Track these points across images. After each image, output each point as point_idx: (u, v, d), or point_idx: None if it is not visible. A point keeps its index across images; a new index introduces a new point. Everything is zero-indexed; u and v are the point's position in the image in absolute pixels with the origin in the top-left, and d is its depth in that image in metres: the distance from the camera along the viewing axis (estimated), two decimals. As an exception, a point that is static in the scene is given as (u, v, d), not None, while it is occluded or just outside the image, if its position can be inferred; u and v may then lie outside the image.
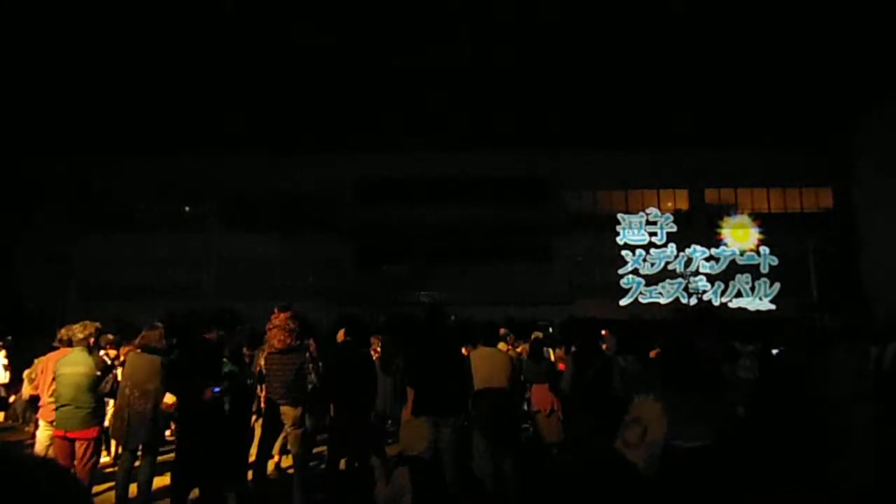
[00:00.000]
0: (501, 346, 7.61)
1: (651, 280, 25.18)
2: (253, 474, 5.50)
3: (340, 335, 6.27)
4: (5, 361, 11.52)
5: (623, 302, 24.87)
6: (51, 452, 5.56)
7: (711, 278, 25.11)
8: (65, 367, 5.33)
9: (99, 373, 5.31)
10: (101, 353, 5.77)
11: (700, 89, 24.57)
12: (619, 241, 25.55)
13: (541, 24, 25.39)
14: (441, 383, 4.90)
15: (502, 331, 8.63)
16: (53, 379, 5.61)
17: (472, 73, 25.01)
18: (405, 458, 3.40)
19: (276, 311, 5.77)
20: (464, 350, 5.99)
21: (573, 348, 7.08)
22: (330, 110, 25.09)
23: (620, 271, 25.32)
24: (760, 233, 25.12)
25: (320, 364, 6.06)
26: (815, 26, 22.94)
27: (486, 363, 5.57)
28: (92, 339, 5.47)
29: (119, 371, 5.89)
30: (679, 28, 24.33)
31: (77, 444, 5.21)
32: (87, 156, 25.28)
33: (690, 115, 24.30)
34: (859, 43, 22.64)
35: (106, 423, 5.71)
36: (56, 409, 5.31)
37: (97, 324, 5.62)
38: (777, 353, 8.37)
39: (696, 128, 24.38)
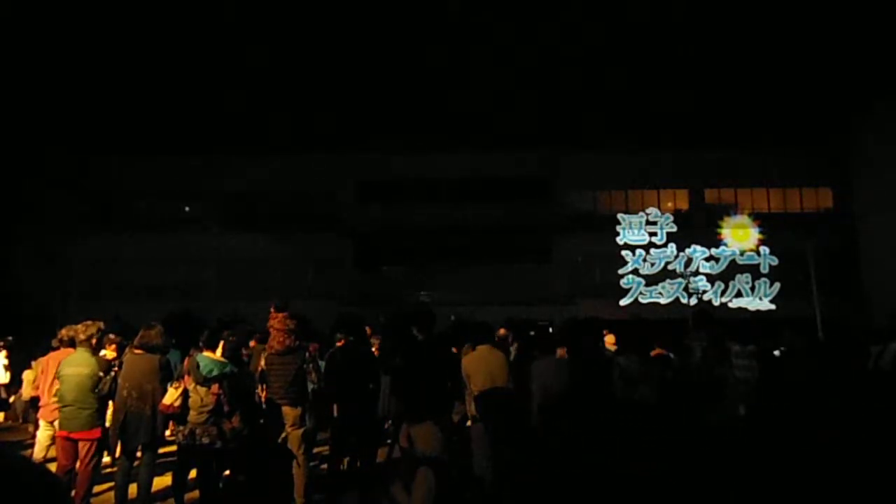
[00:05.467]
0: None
1: (651, 280, 25.16)
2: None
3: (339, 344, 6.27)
4: (5, 361, 11.53)
5: (623, 302, 24.85)
6: (52, 453, 5.57)
7: (711, 278, 25.10)
8: (68, 367, 5.33)
9: (102, 373, 5.31)
10: (102, 353, 5.77)
11: (700, 89, 24.60)
12: (619, 241, 25.52)
13: (541, 24, 25.42)
14: (422, 387, 4.89)
15: (502, 331, 8.62)
16: (55, 379, 5.62)
17: (473, 73, 25.03)
18: (423, 459, 3.44)
19: (272, 310, 5.77)
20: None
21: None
22: (330, 110, 25.12)
23: (620, 271, 25.31)
24: (760, 233, 25.09)
25: (321, 364, 6.08)
26: (815, 27, 22.96)
27: (488, 362, 5.56)
28: (94, 340, 5.47)
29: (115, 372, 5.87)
30: (679, 28, 24.36)
31: (80, 444, 5.22)
32: (86, 155, 25.29)
33: (691, 115, 24.32)
34: (859, 43, 22.65)
35: (107, 424, 5.71)
36: (59, 409, 5.33)
37: (100, 324, 5.61)
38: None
39: (696, 128, 24.40)
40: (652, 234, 25.56)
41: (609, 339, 8.92)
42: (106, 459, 6.86)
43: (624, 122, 24.64)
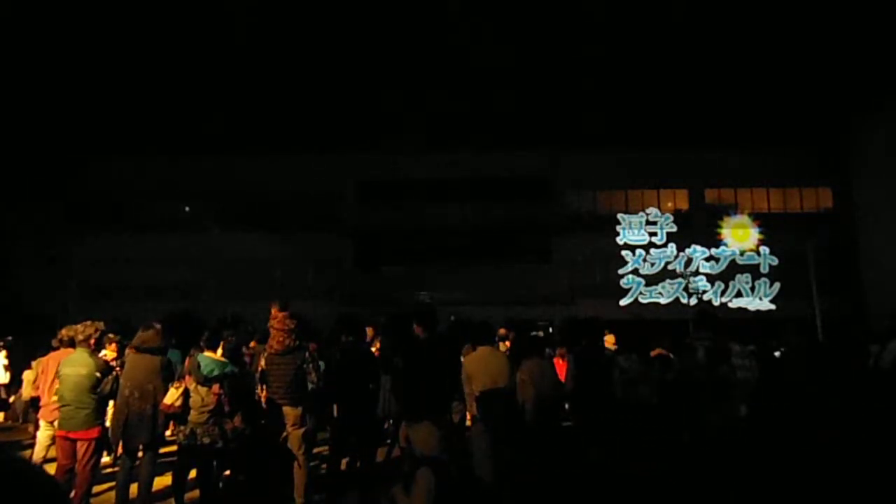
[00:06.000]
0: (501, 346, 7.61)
1: (651, 280, 25.18)
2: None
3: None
4: (5, 362, 11.54)
5: (623, 302, 24.87)
6: (52, 453, 5.57)
7: (711, 278, 25.12)
8: (67, 367, 5.34)
9: (99, 374, 5.31)
10: (102, 353, 5.78)
11: (700, 89, 24.58)
12: (619, 241, 25.55)
13: (541, 23, 25.41)
14: (422, 387, 4.89)
15: (502, 331, 8.63)
16: (55, 379, 5.62)
17: (472, 72, 25.01)
18: (422, 459, 3.43)
19: (273, 309, 5.76)
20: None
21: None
22: (330, 110, 25.10)
23: (620, 271, 25.33)
24: (760, 233, 25.12)
25: (321, 364, 6.07)
26: (815, 27, 22.95)
27: (489, 363, 5.55)
28: (92, 340, 5.47)
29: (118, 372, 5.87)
30: (679, 28, 24.35)
31: (78, 444, 5.23)
32: (86, 155, 25.29)
33: (691, 115, 24.31)
34: (859, 43, 22.64)
35: (107, 424, 5.71)
36: (59, 409, 5.34)
37: (99, 324, 5.61)
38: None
39: (696, 128, 24.39)
40: (652, 234, 25.59)
41: (609, 339, 8.93)
42: (106, 459, 6.87)
43: (624, 122, 24.63)
